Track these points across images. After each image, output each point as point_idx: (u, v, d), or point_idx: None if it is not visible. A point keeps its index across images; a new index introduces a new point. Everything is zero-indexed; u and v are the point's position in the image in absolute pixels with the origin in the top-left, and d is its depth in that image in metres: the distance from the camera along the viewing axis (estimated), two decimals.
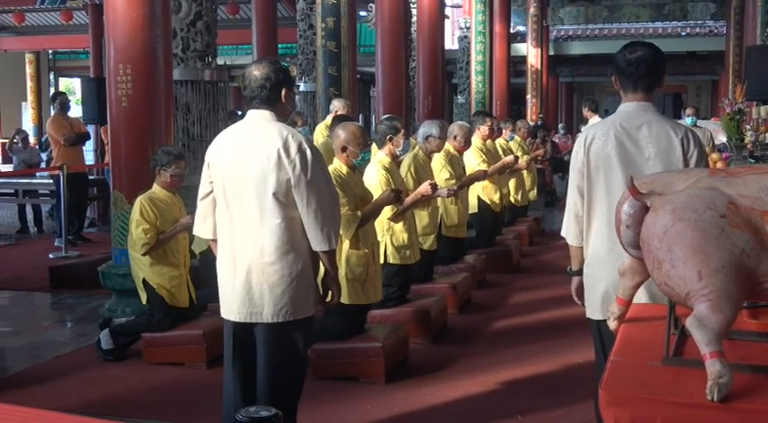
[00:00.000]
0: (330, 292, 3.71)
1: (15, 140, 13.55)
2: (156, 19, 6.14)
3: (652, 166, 3.06)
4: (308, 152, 3.42)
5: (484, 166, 7.94)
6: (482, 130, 8.44)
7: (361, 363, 4.88)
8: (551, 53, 23.52)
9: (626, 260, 2.41)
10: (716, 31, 23.33)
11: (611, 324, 2.52)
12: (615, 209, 2.29)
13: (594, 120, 10.38)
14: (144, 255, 5.24)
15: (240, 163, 3.46)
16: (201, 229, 3.72)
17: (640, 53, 3.17)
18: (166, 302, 5.31)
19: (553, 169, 14.97)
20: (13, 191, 11.75)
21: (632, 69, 3.17)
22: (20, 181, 11.82)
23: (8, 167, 13.56)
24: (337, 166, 4.76)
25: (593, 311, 3.29)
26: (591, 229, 3.23)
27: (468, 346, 5.77)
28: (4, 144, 18.63)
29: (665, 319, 2.21)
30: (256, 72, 3.49)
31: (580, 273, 3.34)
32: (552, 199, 14.37)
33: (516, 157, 8.93)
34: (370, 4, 14.83)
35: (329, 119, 8.88)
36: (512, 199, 9.74)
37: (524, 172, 10.08)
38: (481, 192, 8.34)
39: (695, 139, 3.18)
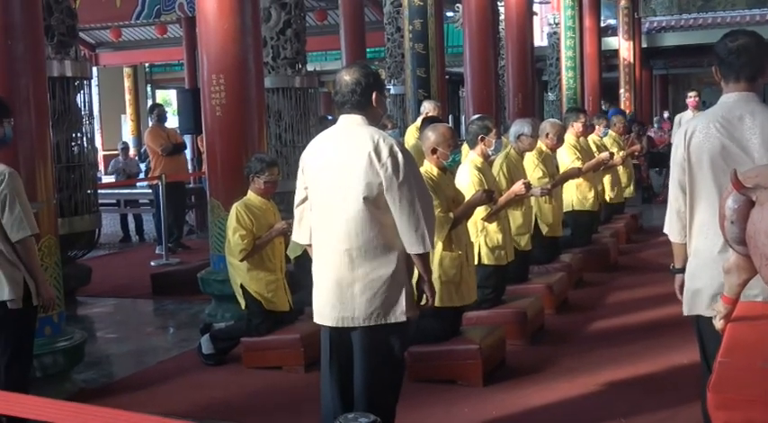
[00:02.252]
0: (424, 295, 3.69)
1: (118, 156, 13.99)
2: (247, 29, 6.24)
3: (757, 159, 2.94)
4: (400, 155, 3.41)
5: (578, 164, 7.82)
6: (575, 126, 8.31)
7: (458, 365, 4.85)
8: (644, 45, 22.93)
9: (731, 257, 2.33)
10: None
11: (718, 323, 2.43)
12: (719, 204, 2.21)
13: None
14: (241, 260, 5.33)
15: (332, 168, 3.48)
16: (299, 235, 3.77)
17: (742, 41, 3.06)
18: (264, 307, 5.39)
19: (649, 164, 14.61)
20: (115, 201, 12.12)
21: (734, 58, 3.06)
22: (121, 191, 12.20)
23: (110, 178, 13.99)
24: (428, 167, 4.74)
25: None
26: (694, 226, 3.13)
27: (567, 347, 5.67)
28: (106, 156, 19.27)
29: None
30: (347, 77, 3.51)
31: (683, 270, 3.24)
32: (649, 195, 14.04)
33: (611, 154, 8.76)
34: (457, 5, 14.76)
35: (419, 121, 8.89)
36: (606, 196, 9.54)
37: (620, 168, 9.86)
38: (575, 189, 8.20)
39: None
